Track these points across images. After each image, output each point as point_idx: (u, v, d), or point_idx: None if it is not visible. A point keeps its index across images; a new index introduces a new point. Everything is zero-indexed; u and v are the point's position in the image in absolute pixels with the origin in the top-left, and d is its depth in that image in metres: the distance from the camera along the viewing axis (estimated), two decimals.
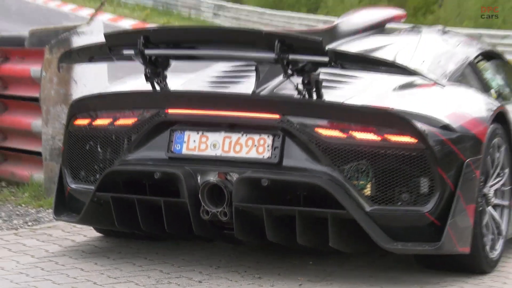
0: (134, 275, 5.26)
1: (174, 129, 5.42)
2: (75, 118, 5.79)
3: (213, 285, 5.08)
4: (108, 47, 5.72)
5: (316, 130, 5.15)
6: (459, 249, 5.22)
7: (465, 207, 5.19)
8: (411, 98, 5.50)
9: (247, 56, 5.55)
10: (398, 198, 5.09)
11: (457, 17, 31.74)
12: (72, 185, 5.75)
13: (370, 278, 5.32)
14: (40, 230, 6.38)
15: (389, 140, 5.09)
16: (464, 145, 5.25)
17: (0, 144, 8.09)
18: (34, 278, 5.15)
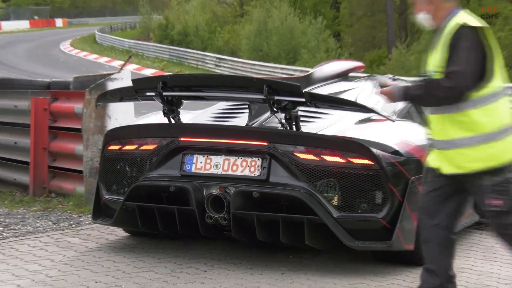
0: (154, 265, 5.28)
1: (185, 153, 5.44)
2: (108, 144, 5.79)
3: (215, 274, 5.10)
4: (135, 90, 5.76)
5: (295, 154, 5.17)
6: (406, 246, 5.24)
7: (410, 214, 5.18)
8: (368, 130, 5.51)
9: (242, 97, 5.59)
10: (359, 207, 5.10)
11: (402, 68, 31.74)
12: (106, 196, 5.76)
13: (336, 268, 5.35)
14: (82, 231, 6.38)
15: (351, 162, 5.10)
16: (410, 166, 5.26)
17: (50, 164, 8.07)
18: (76, 268, 5.18)
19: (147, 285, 4.82)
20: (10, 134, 8.74)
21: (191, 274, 5.11)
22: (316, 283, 4.97)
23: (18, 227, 6.61)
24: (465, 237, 6.74)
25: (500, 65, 4.28)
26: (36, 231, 6.48)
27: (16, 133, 8.61)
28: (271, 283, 4.94)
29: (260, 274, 5.13)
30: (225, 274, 5.11)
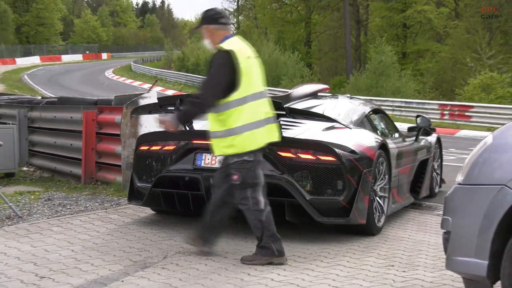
0: (173, 235, 5.27)
1: (196, 152, 5.41)
2: (140, 145, 5.78)
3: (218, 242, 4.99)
4: (160, 105, 5.72)
5: (278, 152, 5.14)
6: (360, 221, 5.24)
7: (363, 197, 5.21)
8: (332, 135, 5.47)
9: None
10: (325, 192, 5.08)
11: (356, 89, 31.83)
12: (138, 184, 5.74)
13: (309, 237, 5.34)
14: (120, 210, 6.37)
15: (320, 159, 5.09)
16: (363, 162, 5.25)
17: (97, 160, 8.06)
18: (116, 237, 5.17)
19: (168, 250, 4.80)
20: (67, 138, 8.75)
21: None
22: (294, 248, 4.96)
23: (73, 207, 6.59)
24: (404, 214, 6.75)
25: (249, 78, 4.40)
26: (86, 209, 6.45)
27: (72, 137, 8.61)
28: None
29: (252, 242, 5.07)
30: (226, 242, 5.09)
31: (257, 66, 4.56)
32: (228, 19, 4.72)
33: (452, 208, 3.26)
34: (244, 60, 4.42)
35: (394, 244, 5.30)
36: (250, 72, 4.45)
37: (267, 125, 4.55)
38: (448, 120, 24.79)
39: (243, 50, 4.47)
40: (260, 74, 4.59)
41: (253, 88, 4.47)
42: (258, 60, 4.61)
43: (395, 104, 27.18)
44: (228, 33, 4.56)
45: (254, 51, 4.62)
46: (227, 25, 4.60)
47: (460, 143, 17.97)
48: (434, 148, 7.92)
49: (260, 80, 4.58)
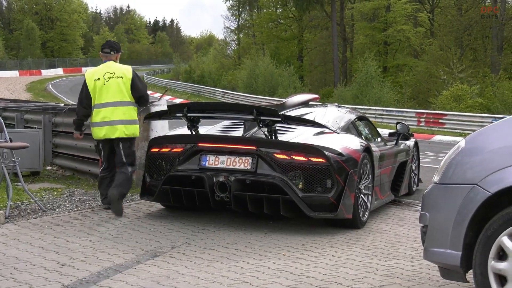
0: (180, 228, 5.24)
1: (201, 154, 5.39)
2: (151, 148, 5.74)
3: (221, 233, 5.06)
4: (169, 112, 5.72)
5: (274, 154, 5.13)
6: (346, 216, 5.22)
7: (349, 194, 5.19)
8: (322, 139, 5.47)
9: (239, 117, 5.53)
10: (316, 190, 5.07)
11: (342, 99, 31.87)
12: (150, 182, 5.71)
13: (301, 230, 5.32)
14: (133, 205, 6.33)
15: (311, 160, 5.08)
16: (349, 163, 5.24)
17: None
18: (129, 229, 5.14)
19: (176, 240, 4.77)
20: (87, 141, 8.65)
21: (205, 233, 5.06)
22: (287, 239, 4.93)
23: (91, 202, 6.54)
24: (385, 210, 6.73)
25: (98, 92, 5.76)
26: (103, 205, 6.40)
27: (90, 140, 8.47)
28: (257, 239, 4.89)
29: (251, 234, 5.09)
30: (227, 234, 5.07)
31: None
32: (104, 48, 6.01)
33: (429, 204, 3.24)
34: (93, 83, 5.86)
35: (377, 236, 5.28)
36: (98, 91, 5.81)
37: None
38: (424, 127, 24.80)
39: (90, 74, 5.88)
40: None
41: (99, 100, 5.84)
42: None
43: (377, 112, 27.19)
44: (105, 58, 5.95)
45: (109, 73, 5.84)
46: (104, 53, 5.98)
47: (435, 147, 17.97)
48: (412, 151, 7.90)
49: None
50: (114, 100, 5.74)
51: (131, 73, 5.82)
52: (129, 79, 5.77)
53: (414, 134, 9.26)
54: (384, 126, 22.93)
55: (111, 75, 5.78)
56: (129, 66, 5.99)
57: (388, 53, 44.98)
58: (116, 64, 5.90)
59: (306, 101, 6.99)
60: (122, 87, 5.75)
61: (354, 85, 33.92)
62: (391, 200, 7.00)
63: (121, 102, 5.74)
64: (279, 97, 33.99)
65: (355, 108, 23.39)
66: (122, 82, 5.76)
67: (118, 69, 5.82)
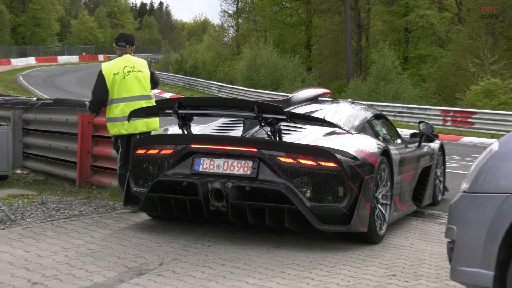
0: (170, 241, 5.23)
1: (195, 156, 5.39)
2: (137, 149, 5.74)
3: (216, 248, 5.06)
4: (157, 108, 5.74)
5: (278, 158, 5.12)
6: (361, 229, 5.22)
7: (365, 204, 5.19)
8: (333, 140, 5.47)
9: (238, 114, 5.54)
10: (326, 199, 5.06)
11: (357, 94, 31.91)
12: (135, 188, 5.72)
13: (309, 245, 5.32)
14: (115, 214, 6.34)
15: (320, 165, 5.06)
16: (364, 168, 5.23)
17: (92, 164, 8.04)
18: (111, 243, 5.14)
19: (164, 256, 4.77)
20: (62, 141, 8.73)
21: (198, 248, 5.06)
22: (293, 256, 4.93)
23: (67, 211, 6.56)
24: (406, 222, 6.73)
25: (117, 87, 6.38)
26: (80, 214, 6.43)
27: (67, 140, 8.59)
28: (258, 256, 4.89)
29: (251, 249, 5.09)
30: (224, 249, 5.06)
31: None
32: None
33: (457, 216, 3.23)
34: (112, 76, 6.46)
35: (396, 253, 5.28)
36: (117, 84, 6.45)
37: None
38: (450, 126, 24.82)
39: (107, 68, 6.50)
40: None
41: (122, 94, 6.47)
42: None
43: (397, 109, 27.23)
44: (123, 51, 6.60)
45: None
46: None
47: (463, 150, 17.98)
48: (437, 155, 7.91)
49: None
50: (135, 94, 6.41)
51: (148, 67, 6.58)
52: (148, 74, 6.52)
53: (439, 135, 9.27)
54: (405, 126, 22.95)
55: (130, 69, 6.45)
56: (144, 60, 6.72)
57: (409, 42, 45.02)
58: (133, 57, 6.59)
59: (315, 97, 7.00)
60: (142, 81, 6.47)
61: (370, 79, 33.93)
62: (412, 211, 6.99)
63: (142, 96, 6.42)
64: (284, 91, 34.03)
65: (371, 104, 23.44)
66: (143, 77, 6.48)
67: (137, 63, 6.53)
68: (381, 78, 33.04)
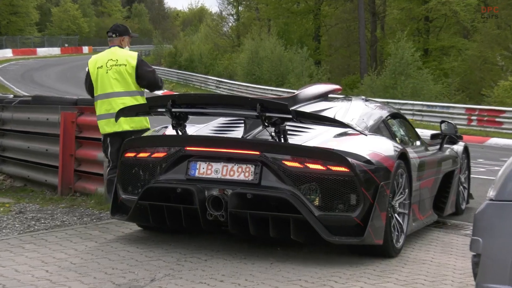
0: (162, 255, 5.24)
1: (190, 160, 5.39)
2: (125, 152, 5.74)
3: (214, 263, 5.06)
4: (148, 106, 5.74)
5: (283, 162, 5.12)
6: (375, 241, 5.23)
7: (380, 213, 5.19)
8: (345, 142, 5.47)
9: (238, 113, 5.55)
10: (336, 207, 5.05)
11: (371, 91, 31.94)
12: (123, 196, 5.72)
13: (317, 259, 5.31)
14: (101, 225, 6.34)
15: (330, 169, 5.06)
16: (379, 173, 5.24)
17: (76, 168, 8.06)
18: (96, 256, 5.14)
19: (156, 272, 4.78)
20: (43, 142, 8.75)
21: (194, 263, 5.06)
22: (300, 271, 4.93)
23: (48, 221, 6.58)
24: (426, 233, 6.74)
25: (100, 82, 6.51)
26: (63, 224, 6.44)
27: (48, 141, 8.61)
28: (261, 271, 4.90)
29: (252, 264, 5.09)
30: (223, 263, 5.07)
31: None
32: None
33: (483, 227, 3.23)
34: (95, 72, 6.62)
35: (415, 268, 5.28)
36: (97, 81, 6.60)
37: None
38: (476, 127, 24.83)
39: (92, 63, 6.68)
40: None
41: (99, 91, 6.62)
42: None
43: (416, 107, 27.26)
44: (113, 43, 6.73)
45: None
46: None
47: (490, 152, 17.98)
48: (460, 159, 7.91)
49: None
50: (117, 90, 6.47)
51: (136, 60, 6.53)
52: (133, 66, 6.50)
53: (464, 137, 9.27)
54: (425, 126, 22.96)
55: (113, 62, 6.53)
56: (135, 52, 6.71)
57: (430, 32, 45.04)
58: (120, 50, 6.63)
59: (324, 94, 6.99)
60: (126, 76, 6.50)
61: (386, 73, 33.96)
62: (433, 221, 7.00)
63: (126, 92, 6.49)
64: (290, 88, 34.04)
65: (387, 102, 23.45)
66: (125, 71, 6.50)
67: (122, 56, 6.54)
68: (399, 73, 33.06)
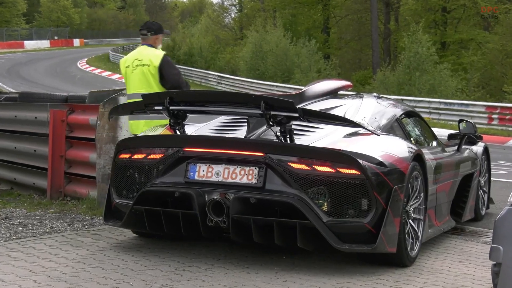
0: (159, 264, 5.24)
1: (189, 162, 5.39)
2: (119, 153, 5.74)
3: (214, 272, 5.06)
4: (144, 104, 5.72)
5: (289, 164, 5.12)
6: (388, 249, 5.21)
7: (393, 219, 5.18)
8: (356, 143, 5.46)
9: (241, 112, 5.55)
10: (346, 213, 5.06)
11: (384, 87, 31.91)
12: (117, 200, 5.72)
13: (326, 268, 5.31)
14: (94, 232, 6.34)
15: (340, 172, 5.06)
16: (393, 176, 5.23)
17: (66, 170, 8.07)
18: (88, 265, 5.14)
19: (152, 282, 4.78)
20: (30, 143, 8.74)
21: (193, 272, 5.06)
22: (307, 281, 4.93)
23: (36, 227, 6.58)
24: (443, 241, 6.73)
25: (127, 81, 6.85)
26: (52, 231, 6.44)
27: (36, 141, 8.61)
28: (266, 281, 4.90)
29: (256, 273, 5.09)
30: (224, 273, 5.06)
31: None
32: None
33: (504, 234, 3.24)
34: (124, 71, 6.97)
35: (431, 278, 5.28)
36: (128, 80, 6.88)
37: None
38: (497, 126, 24.79)
39: (122, 61, 6.99)
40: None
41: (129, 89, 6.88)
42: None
43: (433, 105, 27.22)
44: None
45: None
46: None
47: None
48: (480, 160, 7.90)
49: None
50: (140, 91, 6.51)
51: (160, 60, 6.67)
52: (155, 67, 6.66)
53: (484, 137, 9.25)
54: (442, 125, 22.94)
55: (139, 62, 6.73)
56: (162, 51, 6.84)
57: (447, 24, 44.99)
58: (147, 49, 6.80)
59: (333, 90, 6.99)
60: (149, 76, 6.68)
61: (400, 68, 33.93)
62: (450, 227, 6.99)
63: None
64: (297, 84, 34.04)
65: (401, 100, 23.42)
66: (148, 71, 6.68)
67: (146, 56, 6.72)
68: (414, 68, 33.01)
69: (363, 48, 48.62)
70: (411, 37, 33.98)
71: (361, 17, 47.69)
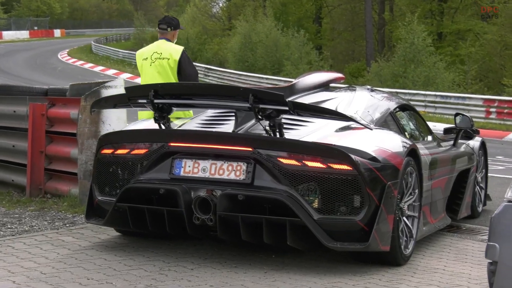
0: (143, 263, 5.24)
1: (174, 157, 5.40)
2: (102, 148, 5.75)
3: (201, 272, 5.07)
4: (128, 97, 5.74)
5: (279, 159, 5.14)
6: (382, 248, 5.24)
7: (386, 217, 5.21)
8: (348, 137, 5.48)
9: (229, 105, 5.57)
10: (338, 210, 5.08)
11: (379, 79, 31.94)
12: (99, 197, 5.72)
13: (316, 268, 5.33)
14: (75, 230, 6.32)
15: (331, 168, 5.09)
16: (386, 172, 5.26)
17: (47, 166, 8.04)
18: (70, 265, 5.14)
19: (136, 282, 4.79)
20: (9, 138, 8.71)
21: (179, 272, 5.07)
22: (297, 281, 4.95)
23: (15, 226, 6.57)
24: (438, 239, 6.76)
25: (144, 74, 7.17)
26: (32, 230, 6.43)
27: (15, 136, 8.58)
28: (254, 281, 4.92)
29: (244, 273, 5.11)
30: (211, 273, 5.07)
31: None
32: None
33: (500, 232, 3.26)
34: (140, 64, 7.33)
35: (426, 277, 5.30)
36: (143, 74, 7.24)
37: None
38: (495, 120, 24.87)
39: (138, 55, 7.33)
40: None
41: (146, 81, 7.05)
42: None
43: (428, 98, 27.28)
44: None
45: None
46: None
47: (510, 149, 18.03)
48: (477, 155, 7.93)
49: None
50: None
51: (180, 54, 7.07)
52: (175, 60, 7.03)
53: (481, 131, 9.29)
54: (438, 119, 23.00)
55: (158, 55, 7.08)
56: (181, 46, 7.20)
57: (444, 14, 45.07)
58: (167, 43, 7.19)
59: (325, 83, 7.01)
60: (168, 69, 7.03)
61: (395, 60, 33.98)
62: (446, 225, 7.02)
63: None
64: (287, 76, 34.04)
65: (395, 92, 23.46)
66: (168, 64, 7.04)
67: (166, 50, 7.09)
68: (409, 60, 33.06)
69: (357, 39, 48.62)
70: (407, 27, 34.01)
71: (355, 7, 47.71)
